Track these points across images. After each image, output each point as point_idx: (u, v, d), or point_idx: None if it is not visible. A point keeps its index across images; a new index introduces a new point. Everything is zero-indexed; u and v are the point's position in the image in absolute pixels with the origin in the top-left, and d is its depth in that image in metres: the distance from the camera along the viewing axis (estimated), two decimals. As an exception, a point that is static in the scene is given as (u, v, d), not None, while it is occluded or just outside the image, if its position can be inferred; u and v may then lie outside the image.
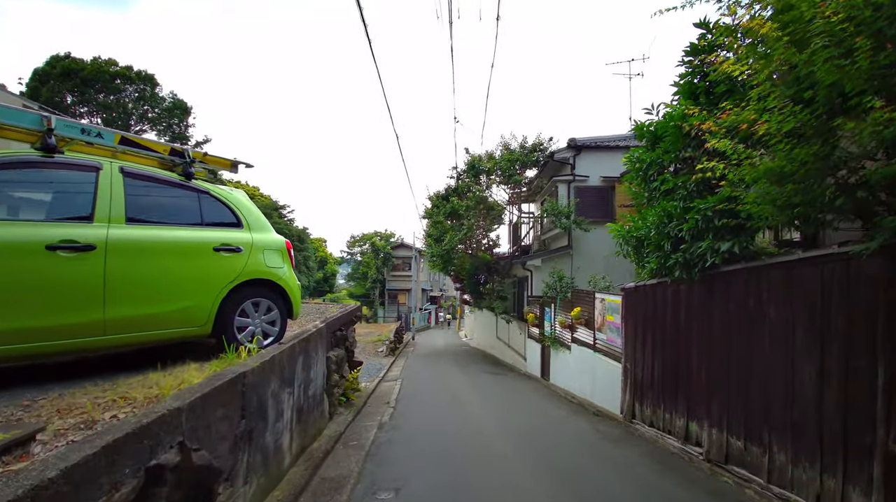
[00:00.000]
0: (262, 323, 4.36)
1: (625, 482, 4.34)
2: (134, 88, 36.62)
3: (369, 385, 10.08)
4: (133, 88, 36.61)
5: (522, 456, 4.95)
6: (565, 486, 4.11)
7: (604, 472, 4.59)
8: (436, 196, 16.14)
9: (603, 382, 7.67)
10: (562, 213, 12.42)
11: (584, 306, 8.72)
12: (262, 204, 41.41)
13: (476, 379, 11.25)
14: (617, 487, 4.19)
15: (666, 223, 4.97)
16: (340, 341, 7.38)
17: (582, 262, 12.86)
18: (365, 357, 15.84)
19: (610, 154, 13.41)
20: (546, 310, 11.29)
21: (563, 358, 9.72)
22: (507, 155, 13.65)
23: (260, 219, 4.64)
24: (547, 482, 4.24)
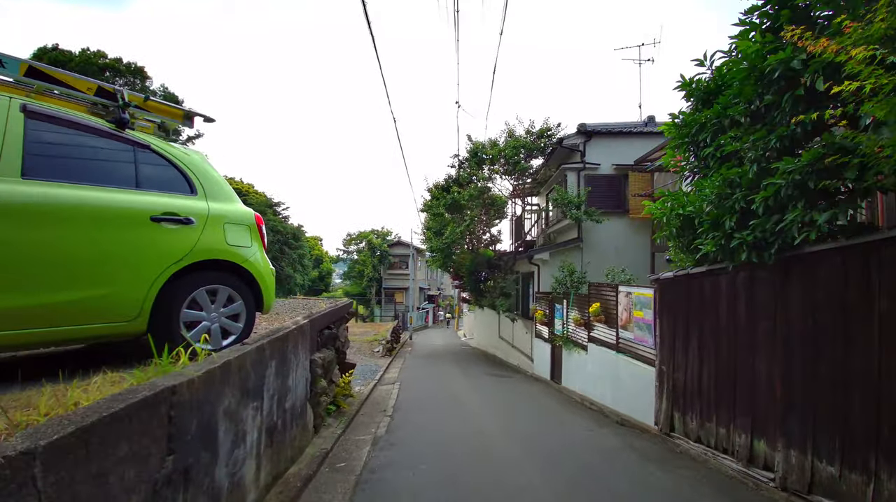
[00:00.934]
0: (221, 317, 3.36)
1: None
2: (123, 81, 35.44)
3: (363, 389, 9.07)
4: (122, 81, 35.43)
5: (553, 486, 3.97)
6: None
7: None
8: (435, 187, 15.15)
9: (629, 387, 6.70)
10: (572, 203, 11.45)
11: (603, 301, 7.75)
12: (255, 201, 40.25)
13: (480, 383, 10.26)
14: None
15: (729, 194, 3.99)
16: (329, 341, 6.37)
17: (592, 256, 11.93)
18: (360, 358, 14.82)
19: (622, 141, 12.49)
20: (557, 306, 10.31)
21: (578, 359, 8.74)
22: (511, 142, 12.67)
23: (221, 186, 3.63)
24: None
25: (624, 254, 12.09)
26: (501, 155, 12.64)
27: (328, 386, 5.79)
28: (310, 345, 5.04)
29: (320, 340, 5.79)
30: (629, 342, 6.77)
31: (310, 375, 5.01)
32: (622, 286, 7.11)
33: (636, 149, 11.97)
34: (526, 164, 12.57)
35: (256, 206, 39.41)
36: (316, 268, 47.85)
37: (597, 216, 11.50)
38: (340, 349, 7.26)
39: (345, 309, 7.40)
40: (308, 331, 4.94)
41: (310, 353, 5.05)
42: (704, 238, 4.33)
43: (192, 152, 3.65)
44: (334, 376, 6.46)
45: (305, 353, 4.80)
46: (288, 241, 39.33)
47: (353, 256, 42.43)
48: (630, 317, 6.73)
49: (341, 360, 7.28)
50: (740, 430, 4.37)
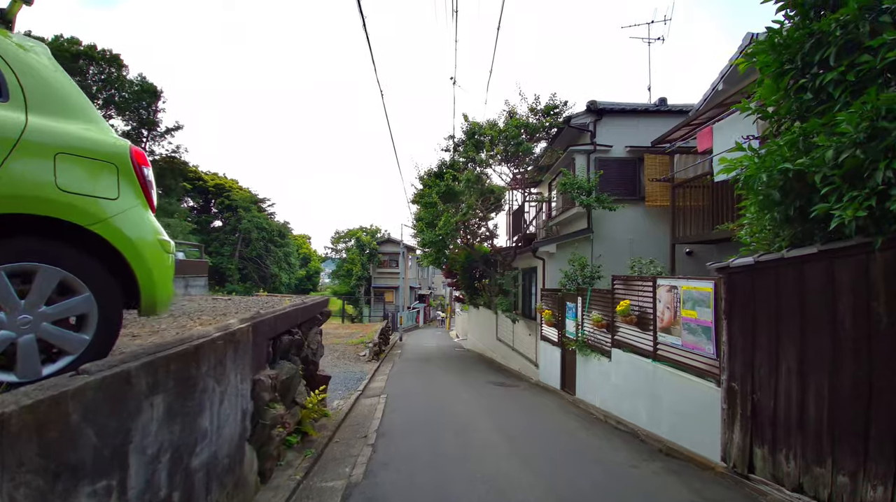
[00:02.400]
0: (43, 321, 1.82)
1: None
2: (98, 70, 33.33)
3: (343, 404, 7.51)
4: (97, 70, 33.32)
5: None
6: None
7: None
8: (427, 175, 13.63)
9: (675, 407, 5.25)
10: (582, 189, 10.02)
11: (634, 298, 6.30)
12: (239, 197, 38.32)
13: (482, 394, 8.76)
14: None
15: (887, 130, 2.55)
16: (290, 350, 4.81)
17: (603, 249, 10.53)
18: (344, 363, 13.25)
19: (636, 121, 11.09)
20: (568, 305, 8.86)
21: (599, 367, 7.29)
22: (513, 121, 11.19)
23: (61, 94, 2.06)
24: None
25: (639, 246, 10.69)
26: (502, 136, 11.15)
27: (286, 412, 4.23)
28: (253, 359, 3.48)
29: (274, 350, 4.24)
30: (674, 349, 5.32)
31: (251, 404, 3.46)
32: (662, 279, 5.67)
33: (652, 130, 10.58)
34: (529, 145, 11.10)
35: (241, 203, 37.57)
36: (304, 267, 46.00)
37: (609, 203, 10.08)
38: (310, 359, 5.71)
39: (316, 308, 5.84)
40: (249, 341, 3.38)
41: (253, 372, 3.50)
42: (834, 201, 2.87)
43: (15, 38, 2.08)
44: (298, 396, 4.91)
45: (243, 373, 3.25)
46: (273, 239, 37.50)
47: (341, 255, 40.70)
48: (675, 317, 5.28)
49: (311, 373, 5.74)
50: (877, 480, 2.93)
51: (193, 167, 38.48)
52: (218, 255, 35.63)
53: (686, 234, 9.42)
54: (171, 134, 34.12)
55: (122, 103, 33.31)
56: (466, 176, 11.40)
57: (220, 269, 34.68)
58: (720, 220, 7.94)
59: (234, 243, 36.27)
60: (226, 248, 36.21)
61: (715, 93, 9.63)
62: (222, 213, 38.39)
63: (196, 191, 38.27)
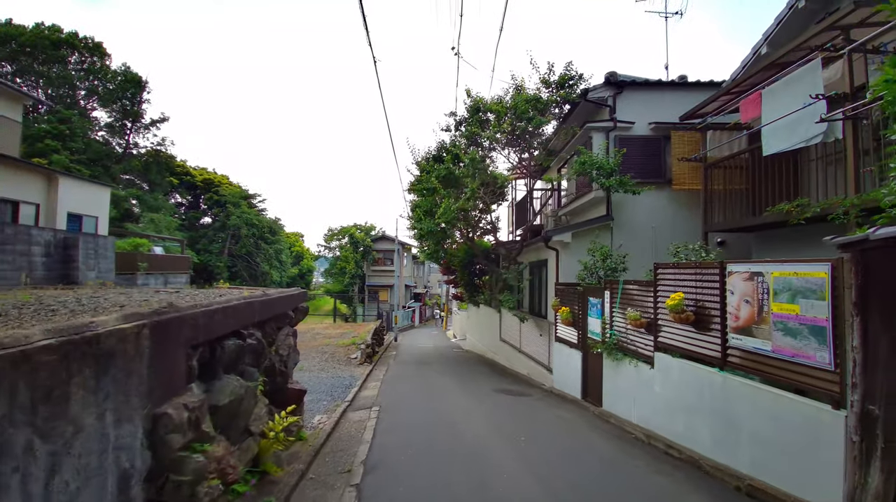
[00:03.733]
0: None
1: None
2: (80, 59, 31.56)
3: (326, 420, 6.11)
4: (79, 59, 31.54)
5: None
6: None
7: None
8: (425, 159, 12.25)
9: (762, 433, 3.92)
10: (602, 169, 8.69)
11: (690, 290, 4.97)
12: (229, 192, 36.65)
13: (490, 405, 7.40)
14: None
15: None
16: (240, 360, 3.41)
17: (624, 238, 9.22)
18: (332, 366, 11.83)
19: (661, 95, 9.79)
20: (592, 301, 7.53)
21: (636, 375, 5.95)
22: (522, 95, 9.85)
23: None
24: None
25: (664, 234, 9.40)
26: (509, 112, 9.79)
27: (229, 452, 2.83)
28: (152, 381, 2.07)
29: (209, 362, 2.84)
30: (758, 356, 3.99)
31: (148, 455, 2.05)
32: (737, 264, 4.32)
33: (678, 105, 9.28)
34: (542, 118, 9.73)
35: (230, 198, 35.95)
36: (296, 265, 44.42)
37: (632, 186, 8.77)
38: (278, 369, 4.31)
39: (284, 303, 4.44)
40: (144, 351, 1.97)
41: (151, 402, 2.09)
42: None
43: None
44: (255, 422, 3.51)
45: (125, 407, 1.84)
46: (264, 235, 35.90)
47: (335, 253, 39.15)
48: (760, 313, 3.95)
49: (278, 387, 4.34)
50: None
51: (181, 162, 36.79)
52: (206, 253, 33.98)
53: (721, 221, 8.13)
54: (157, 126, 32.45)
55: (105, 94, 31.55)
56: (471, 155, 10.02)
57: (209, 267, 33.05)
58: (768, 203, 6.70)
59: (223, 240, 34.64)
60: (214, 246, 34.57)
61: (757, 58, 8.36)
62: (211, 209, 36.74)
63: (184, 187, 36.59)
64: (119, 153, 31.46)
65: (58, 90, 31.29)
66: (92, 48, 31.43)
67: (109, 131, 31.66)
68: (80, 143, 28.53)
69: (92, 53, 31.46)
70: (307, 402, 7.51)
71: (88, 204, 15.45)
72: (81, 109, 31.05)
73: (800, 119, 5.84)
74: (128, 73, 31.86)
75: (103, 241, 14.80)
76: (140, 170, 31.49)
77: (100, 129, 31.72)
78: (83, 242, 13.88)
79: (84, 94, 32.04)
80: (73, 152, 28.18)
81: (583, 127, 9.57)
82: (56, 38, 30.30)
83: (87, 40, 31.23)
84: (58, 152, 26.75)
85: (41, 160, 23.66)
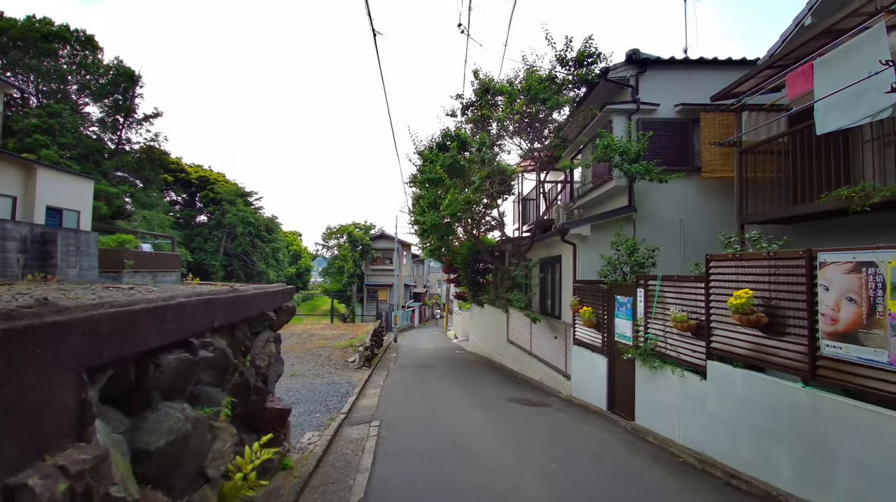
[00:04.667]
0: None
1: None
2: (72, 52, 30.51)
3: (317, 441, 5.17)
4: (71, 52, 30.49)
5: None
6: None
7: None
8: (428, 148, 11.32)
9: (875, 469, 3.01)
10: (626, 154, 7.79)
11: (760, 286, 4.06)
12: (224, 190, 35.63)
13: (507, 419, 6.48)
14: None
15: None
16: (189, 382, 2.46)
17: (647, 231, 8.30)
18: (328, 371, 10.89)
19: (688, 74, 8.90)
20: (619, 299, 6.62)
21: (682, 387, 5.04)
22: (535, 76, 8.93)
23: None
24: None
25: (692, 227, 8.52)
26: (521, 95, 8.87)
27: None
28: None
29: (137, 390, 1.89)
30: (869, 368, 3.09)
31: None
32: (832, 252, 3.41)
33: (707, 86, 8.38)
34: (561, 99, 8.81)
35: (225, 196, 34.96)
36: (294, 264, 43.43)
37: (658, 174, 7.87)
38: (253, 386, 3.36)
39: (261, 302, 3.50)
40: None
41: (4, 472, 1.09)
42: None
43: None
44: (212, 464, 2.56)
45: None
46: (260, 234, 34.90)
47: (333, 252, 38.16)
48: (872, 314, 3.04)
49: (253, 408, 3.40)
50: None
51: (176, 159, 35.78)
52: (201, 251, 32.98)
53: (758, 212, 7.25)
54: (150, 121, 31.41)
55: (97, 89, 30.49)
56: (480, 138, 9.08)
57: (204, 266, 32.04)
58: (813, 190, 5.89)
59: (218, 238, 33.64)
60: (210, 244, 33.57)
61: (800, 29, 7.47)
62: (207, 207, 35.74)
63: (179, 184, 35.57)
64: (111, 149, 30.43)
65: (49, 84, 30.25)
66: (83, 41, 30.40)
67: (101, 126, 30.63)
68: (70, 138, 27.51)
69: (83, 47, 30.43)
70: (297, 415, 6.57)
71: (70, 197, 14.46)
72: (73, 104, 30.00)
73: (863, 91, 4.99)
74: (120, 67, 30.85)
75: (85, 237, 13.81)
76: (133, 166, 30.45)
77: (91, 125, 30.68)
78: (63, 238, 12.90)
79: (76, 89, 30.99)
80: (63, 147, 27.17)
81: (603, 108, 8.65)
82: (47, 31, 29.28)
83: (79, 33, 30.19)
84: (47, 147, 25.74)
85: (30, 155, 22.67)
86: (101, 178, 29.09)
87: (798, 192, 6.28)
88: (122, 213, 28.70)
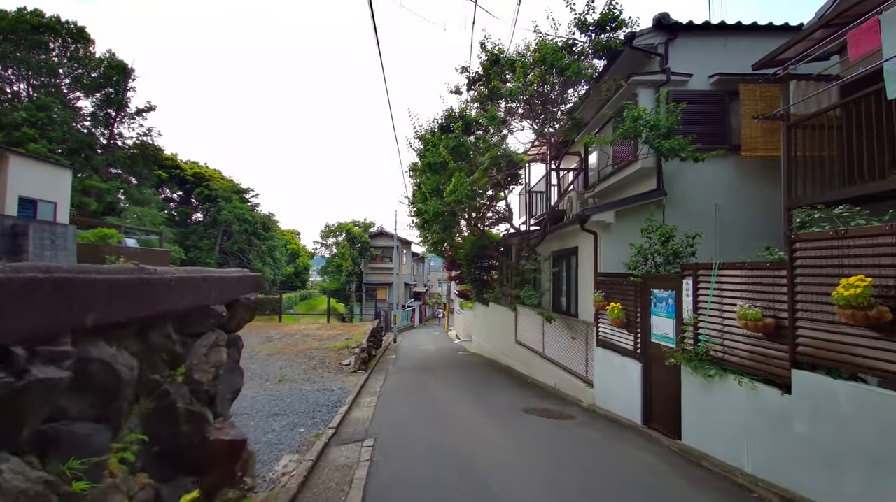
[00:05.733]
0: None
1: None
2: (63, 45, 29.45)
3: (295, 469, 4.11)
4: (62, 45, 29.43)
5: None
6: None
7: None
8: (430, 132, 10.27)
9: None
10: (657, 129, 6.74)
11: (874, 273, 3.02)
12: (220, 187, 34.52)
13: (527, 437, 5.42)
14: None
15: None
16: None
17: (677, 218, 7.21)
18: (320, 375, 9.82)
19: (724, 41, 7.87)
20: (657, 294, 5.57)
21: (751, 402, 3.99)
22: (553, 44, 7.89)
23: None
24: None
25: (730, 212, 7.50)
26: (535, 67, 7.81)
27: None
28: None
29: None
30: None
31: None
32: None
33: (747, 55, 7.36)
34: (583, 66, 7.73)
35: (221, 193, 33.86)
36: (292, 263, 42.36)
37: (692, 152, 6.83)
38: (181, 411, 2.26)
39: (206, 290, 2.40)
40: None
41: None
42: None
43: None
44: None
45: None
46: (257, 231, 33.82)
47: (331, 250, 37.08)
48: None
49: (186, 443, 2.29)
50: None
51: (171, 155, 34.70)
52: (196, 250, 31.88)
53: (808, 194, 6.22)
54: (143, 115, 30.33)
55: (89, 83, 29.39)
56: (490, 113, 8.02)
57: (198, 264, 30.94)
58: (872, 168, 4.92)
59: (213, 236, 32.57)
60: (205, 242, 32.50)
61: (861, -19, 6.45)
62: (203, 205, 34.65)
63: (175, 182, 34.48)
64: (103, 144, 29.36)
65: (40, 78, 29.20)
66: (75, 34, 29.32)
67: (93, 120, 29.55)
68: (59, 132, 26.46)
69: (75, 39, 29.36)
70: (277, 431, 5.52)
71: (45, 187, 13.39)
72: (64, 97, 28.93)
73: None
74: (112, 60, 29.78)
75: (62, 230, 12.76)
76: (126, 162, 29.36)
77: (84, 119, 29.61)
78: (36, 231, 11.86)
79: (68, 84, 29.92)
80: (53, 141, 26.13)
81: (629, 79, 7.60)
82: (37, 23, 28.23)
83: (70, 25, 29.13)
84: (36, 141, 24.70)
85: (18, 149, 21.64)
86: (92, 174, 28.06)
87: (856, 170, 5.29)
88: (113, 210, 27.65)
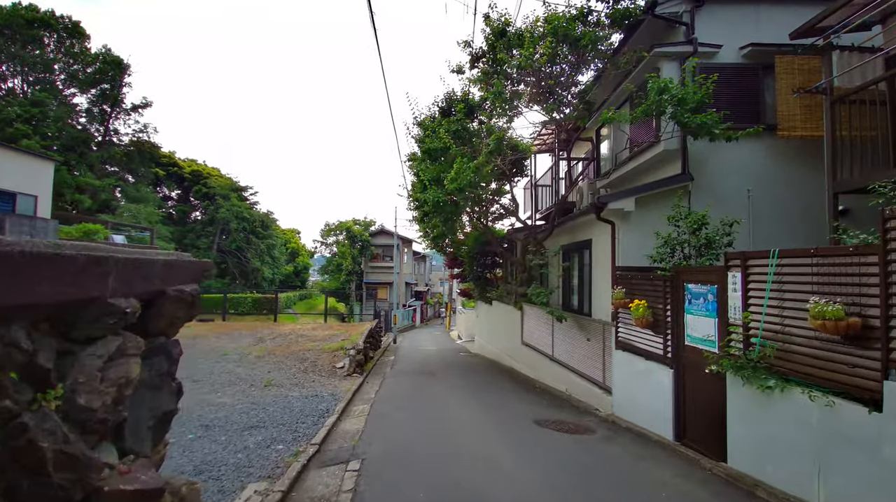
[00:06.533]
0: None
1: None
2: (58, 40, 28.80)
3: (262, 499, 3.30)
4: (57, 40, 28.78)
5: None
6: None
7: None
8: (430, 118, 9.50)
9: None
10: (684, 104, 5.92)
11: None
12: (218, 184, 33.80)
13: (542, 457, 4.62)
14: None
15: None
16: None
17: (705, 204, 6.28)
18: (310, 380, 9.00)
19: (755, 9, 7.07)
20: (692, 290, 4.76)
21: (825, 421, 3.17)
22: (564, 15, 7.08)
23: None
24: None
25: (765, 199, 6.70)
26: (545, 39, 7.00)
27: None
28: None
29: None
30: None
31: None
32: None
33: (780, 26, 6.55)
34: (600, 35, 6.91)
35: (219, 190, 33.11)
36: (291, 262, 41.63)
37: (724, 131, 6.01)
38: (48, 454, 1.45)
39: (84, 271, 1.56)
40: None
41: None
42: None
43: None
44: None
45: None
46: (255, 230, 33.08)
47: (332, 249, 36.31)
48: None
49: (67, 498, 1.44)
50: None
51: (169, 153, 34.00)
52: (193, 248, 31.14)
53: (857, 177, 5.43)
54: (139, 111, 29.62)
55: (84, 78, 28.72)
56: (497, 87, 7.20)
57: (196, 263, 30.23)
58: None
59: (211, 234, 31.85)
60: (202, 241, 31.77)
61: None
62: (201, 203, 33.94)
63: (172, 179, 33.79)
64: (98, 140, 28.69)
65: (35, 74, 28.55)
66: (70, 29, 28.67)
67: (88, 116, 28.88)
68: (53, 128, 25.81)
69: (70, 34, 28.71)
70: (250, 448, 4.73)
71: (25, 179, 12.66)
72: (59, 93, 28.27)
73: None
74: (108, 56, 29.09)
75: (42, 225, 12.03)
76: (121, 159, 28.68)
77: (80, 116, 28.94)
78: (13, 225, 11.13)
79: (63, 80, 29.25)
80: (46, 137, 25.48)
81: (651, 52, 6.79)
82: (31, 17, 27.58)
83: (65, 19, 28.48)
84: (29, 137, 24.01)
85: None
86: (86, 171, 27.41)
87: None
88: (108, 207, 26.96)
